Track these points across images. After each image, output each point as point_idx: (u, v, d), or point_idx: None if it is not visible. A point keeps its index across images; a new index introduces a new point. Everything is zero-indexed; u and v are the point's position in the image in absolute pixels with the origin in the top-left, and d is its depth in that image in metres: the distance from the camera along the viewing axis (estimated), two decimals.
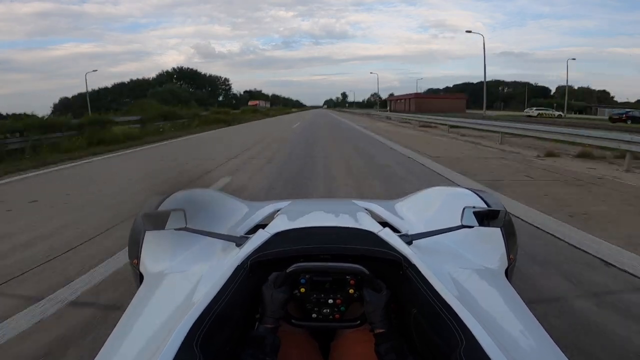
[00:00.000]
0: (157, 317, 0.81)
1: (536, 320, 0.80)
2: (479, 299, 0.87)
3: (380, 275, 0.89)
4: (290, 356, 0.83)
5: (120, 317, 0.86)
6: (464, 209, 1.05)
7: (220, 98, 76.41)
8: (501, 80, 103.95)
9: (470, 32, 34.08)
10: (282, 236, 0.99)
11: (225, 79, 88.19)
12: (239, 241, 1.07)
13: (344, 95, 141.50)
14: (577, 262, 2.50)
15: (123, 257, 2.38)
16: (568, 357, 0.67)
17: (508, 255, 1.12)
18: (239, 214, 1.53)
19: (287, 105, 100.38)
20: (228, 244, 1.11)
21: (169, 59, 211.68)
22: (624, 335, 1.69)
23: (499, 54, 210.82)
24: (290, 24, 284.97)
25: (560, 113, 37.21)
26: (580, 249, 2.71)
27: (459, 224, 1.04)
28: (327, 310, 0.90)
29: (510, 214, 1.30)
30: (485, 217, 1.05)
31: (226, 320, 0.75)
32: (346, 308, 0.90)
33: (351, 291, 0.89)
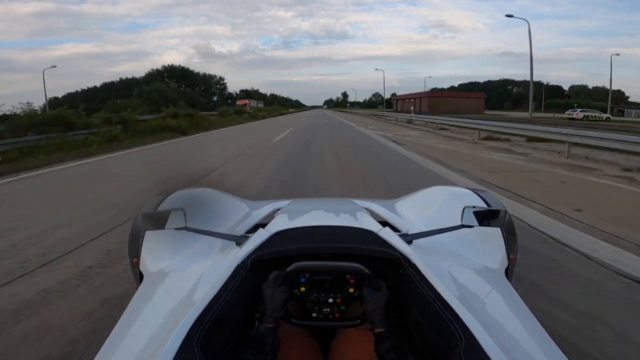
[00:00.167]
0: (157, 316, 0.81)
1: (536, 320, 0.80)
2: (479, 299, 0.88)
3: (380, 275, 0.89)
4: (290, 355, 0.83)
5: (121, 316, 0.86)
6: (464, 208, 1.05)
7: (215, 98, 73.78)
8: (510, 79, 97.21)
9: (511, 16, 27.45)
10: (282, 235, 0.99)
11: (220, 77, 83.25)
12: (239, 240, 1.07)
13: (345, 95, 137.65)
14: None
15: None
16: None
17: (508, 255, 1.12)
18: (239, 213, 1.53)
19: (285, 105, 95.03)
20: (228, 243, 1.11)
21: (169, 59, 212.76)
22: None
23: (500, 54, 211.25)
24: (290, 24, 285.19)
25: (608, 115, 33.02)
26: None
27: (459, 223, 1.04)
28: (327, 310, 0.90)
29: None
30: (485, 217, 1.06)
31: (226, 319, 0.75)
32: (346, 307, 0.91)
33: (351, 290, 0.89)
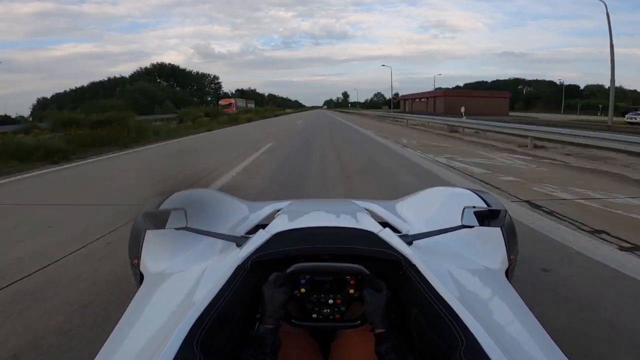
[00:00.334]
0: (157, 317, 0.81)
1: (536, 320, 0.80)
2: (479, 299, 0.87)
3: (380, 275, 0.89)
4: (290, 356, 0.83)
5: (122, 316, 0.86)
6: (464, 208, 1.04)
7: (209, 97, 71.32)
8: (521, 79, 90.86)
9: None
10: (283, 236, 0.99)
11: (214, 76, 79.72)
12: (239, 241, 1.07)
13: (345, 94, 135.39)
14: None
15: None
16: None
17: (508, 256, 1.12)
18: (240, 214, 1.53)
19: (281, 105, 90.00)
20: (228, 243, 1.11)
21: (169, 59, 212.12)
22: None
23: (500, 54, 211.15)
24: (290, 24, 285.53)
25: None
26: None
27: (459, 224, 1.04)
28: (327, 311, 0.90)
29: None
30: (485, 217, 1.05)
31: (226, 320, 0.75)
32: (346, 308, 0.90)
33: (351, 291, 0.89)
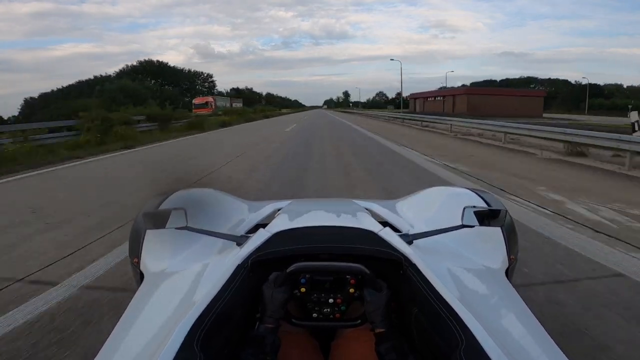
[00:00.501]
0: (157, 316, 0.81)
1: (536, 320, 0.80)
2: (479, 299, 0.88)
3: (380, 275, 0.89)
4: (290, 356, 0.83)
5: (121, 316, 0.86)
6: (464, 208, 1.04)
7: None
8: (533, 77, 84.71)
9: None
10: (283, 236, 0.99)
11: (207, 74, 72.37)
12: (240, 240, 1.07)
13: (346, 94, 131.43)
14: None
15: None
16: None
17: (508, 255, 1.12)
18: (240, 213, 1.53)
19: (279, 105, 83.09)
20: (228, 243, 1.11)
21: (169, 59, 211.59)
22: None
23: (500, 54, 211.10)
24: (290, 24, 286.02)
25: None
26: None
27: (460, 223, 1.04)
28: (327, 310, 0.89)
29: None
30: (485, 217, 1.05)
31: (226, 319, 0.75)
32: (347, 307, 0.90)
33: (351, 291, 0.89)
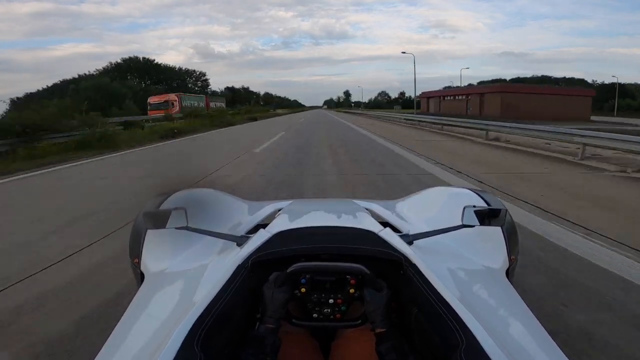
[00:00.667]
0: (157, 316, 0.81)
1: (537, 321, 0.80)
2: (479, 299, 0.87)
3: (380, 275, 0.89)
4: (290, 356, 0.83)
5: (122, 316, 0.86)
6: (464, 208, 1.04)
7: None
8: (547, 76, 79.12)
9: None
10: (283, 236, 0.99)
11: (200, 72, 67.43)
12: (240, 241, 1.07)
13: (347, 93, 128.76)
14: None
15: None
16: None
17: (509, 255, 1.11)
18: (240, 213, 1.53)
19: (274, 105, 75.27)
20: (229, 243, 1.11)
21: (168, 59, 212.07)
22: None
23: (500, 54, 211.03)
24: (290, 24, 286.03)
25: None
26: None
27: (460, 223, 1.04)
28: (327, 310, 0.89)
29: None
30: (486, 217, 1.05)
31: (227, 319, 0.75)
32: (347, 308, 0.90)
33: (352, 291, 0.89)
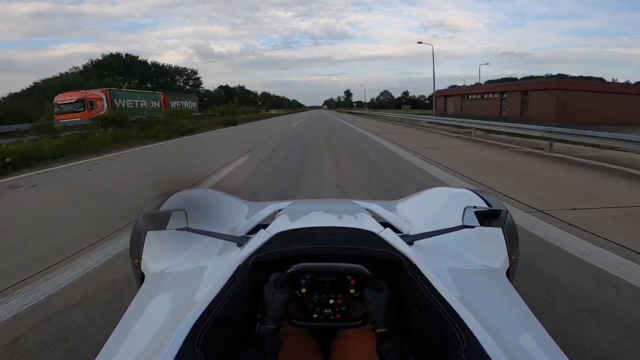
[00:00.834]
0: (158, 317, 0.81)
1: (537, 321, 0.80)
2: (480, 300, 0.87)
3: (381, 276, 0.89)
4: (291, 356, 0.83)
5: (122, 316, 0.86)
6: (465, 208, 1.04)
7: None
8: (563, 74, 65.61)
9: None
10: (283, 236, 0.99)
11: (192, 70, 64.78)
12: (240, 241, 1.07)
13: (348, 93, 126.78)
14: None
15: None
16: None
17: (509, 256, 1.11)
18: (240, 214, 1.53)
19: (272, 105, 70.28)
20: (229, 244, 1.11)
21: (168, 59, 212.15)
22: None
23: (500, 54, 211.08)
24: (289, 24, 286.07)
25: None
26: None
27: (460, 224, 1.04)
28: (328, 311, 0.90)
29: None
30: (486, 217, 1.05)
31: (227, 320, 0.75)
32: (347, 308, 0.90)
33: (352, 291, 0.89)
